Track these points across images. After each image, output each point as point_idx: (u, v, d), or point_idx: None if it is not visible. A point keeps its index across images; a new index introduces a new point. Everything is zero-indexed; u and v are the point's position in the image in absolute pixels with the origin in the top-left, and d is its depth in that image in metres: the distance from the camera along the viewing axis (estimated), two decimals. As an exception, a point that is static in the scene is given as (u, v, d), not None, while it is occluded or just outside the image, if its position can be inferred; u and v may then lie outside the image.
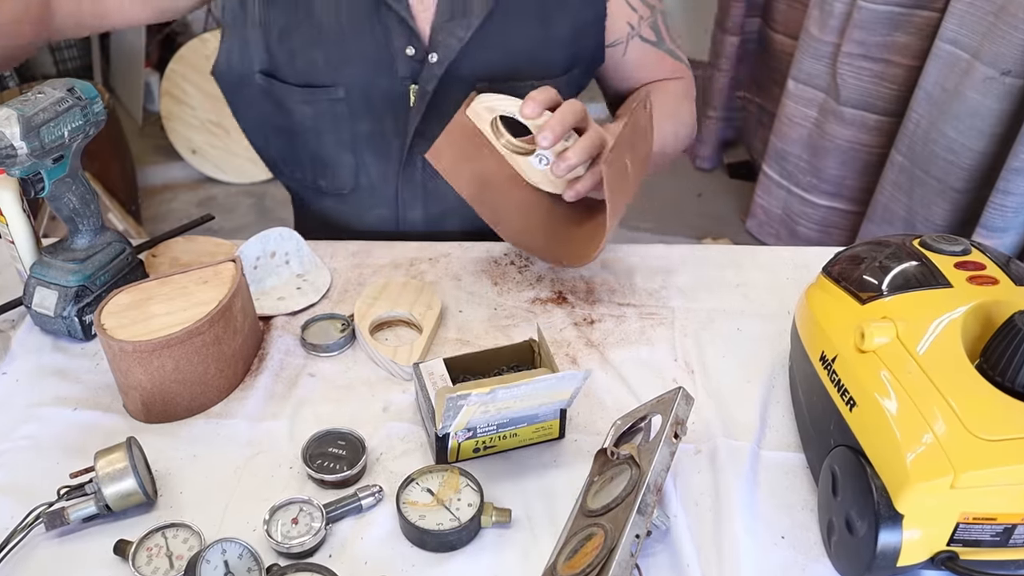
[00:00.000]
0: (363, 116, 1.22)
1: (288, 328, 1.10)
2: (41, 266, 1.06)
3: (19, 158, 0.94)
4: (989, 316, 0.80)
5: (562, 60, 1.22)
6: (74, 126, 0.99)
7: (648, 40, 1.28)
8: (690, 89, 1.35)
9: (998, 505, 0.70)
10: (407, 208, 1.32)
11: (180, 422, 0.96)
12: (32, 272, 1.06)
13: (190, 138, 3.44)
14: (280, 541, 0.80)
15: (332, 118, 1.22)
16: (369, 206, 1.32)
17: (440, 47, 1.16)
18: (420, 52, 1.16)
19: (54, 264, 1.05)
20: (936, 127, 2.28)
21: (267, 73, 1.22)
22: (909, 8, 2.41)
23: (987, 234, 2.15)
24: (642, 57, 1.30)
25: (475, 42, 1.16)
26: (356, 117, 1.22)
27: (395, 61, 1.18)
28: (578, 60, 1.24)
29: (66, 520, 0.82)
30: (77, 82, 1.01)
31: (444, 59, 1.16)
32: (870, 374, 0.78)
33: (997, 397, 0.72)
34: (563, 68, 1.23)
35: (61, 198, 1.03)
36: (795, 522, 0.86)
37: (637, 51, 1.28)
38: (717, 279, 1.21)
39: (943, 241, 0.89)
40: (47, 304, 1.05)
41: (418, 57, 1.17)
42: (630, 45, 1.27)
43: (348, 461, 0.89)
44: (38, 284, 1.05)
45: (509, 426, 0.90)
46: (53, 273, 1.05)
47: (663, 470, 0.79)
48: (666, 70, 1.32)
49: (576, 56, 1.24)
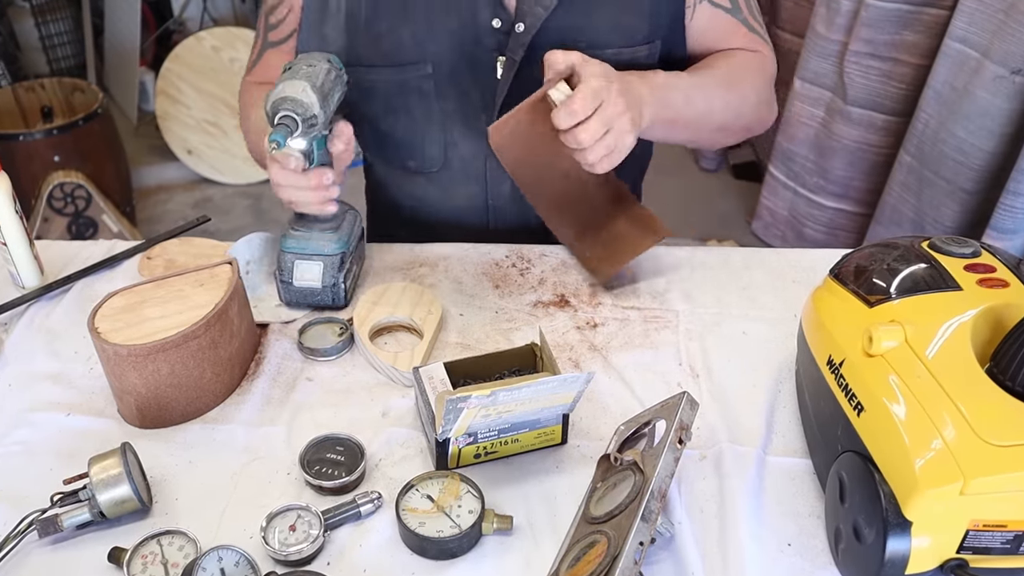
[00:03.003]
0: (450, 91, 1.24)
1: (285, 332, 1.09)
2: (294, 240, 1.08)
3: (318, 126, 0.98)
4: (999, 319, 0.79)
5: (644, 28, 1.22)
6: (338, 95, 1.04)
7: (720, 5, 1.25)
8: (765, 65, 1.29)
9: (1008, 512, 0.69)
10: (496, 182, 1.33)
11: (176, 427, 0.95)
12: (284, 248, 1.08)
13: (186, 138, 3.44)
14: (277, 548, 0.79)
15: (420, 95, 1.24)
16: (459, 182, 1.33)
17: (527, 16, 1.17)
18: (506, 23, 1.18)
19: (311, 236, 1.08)
20: (945, 127, 2.27)
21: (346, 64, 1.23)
22: (918, 6, 2.39)
23: (997, 236, 2.14)
24: (711, 23, 1.26)
25: (560, 10, 1.17)
26: (443, 92, 1.24)
27: (481, 33, 1.20)
28: (658, 29, 1.24)
29: (60, 527, 0.81)
30: (330, 55, 1.05)
31: (530, 28, 1.18)
32: (878, 378, 0.77)
33: (1007, 402, 0.71)
34: (645, 37, 1.23)
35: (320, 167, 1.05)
36: (802, 529, 0.84)
37: (706, 16, 1.25)
38: (722, 282, 1.19)
39: (952, 243, 0.88)
40: (311, 276, 1.08)
41: (504, 28, 1.19)
42: (699, 9, 1.24)
43: (347, 467, 0.88)
44: (296, 258, 1.08)
45: (511, 431, 0.89)
46: (313, 244, 1.08)
47: (667, 476, 0.78)
48: (740, 40, 1.27)
49: (657, 24, 1.23)
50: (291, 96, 0.95)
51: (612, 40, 1.20)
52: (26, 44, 3.66)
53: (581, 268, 1.21)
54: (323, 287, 1.09)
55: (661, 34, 1.23)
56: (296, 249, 1.08)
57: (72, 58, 3.71)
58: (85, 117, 2.86)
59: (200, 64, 3.34)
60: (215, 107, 3.39)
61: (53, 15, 3.60)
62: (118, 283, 1.16)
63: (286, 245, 1.09)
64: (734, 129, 1.27)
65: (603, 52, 1.17)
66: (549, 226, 1.23)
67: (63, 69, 3.68)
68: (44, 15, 3.58)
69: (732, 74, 1.24)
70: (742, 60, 1.26)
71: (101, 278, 1.19)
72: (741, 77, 1.25)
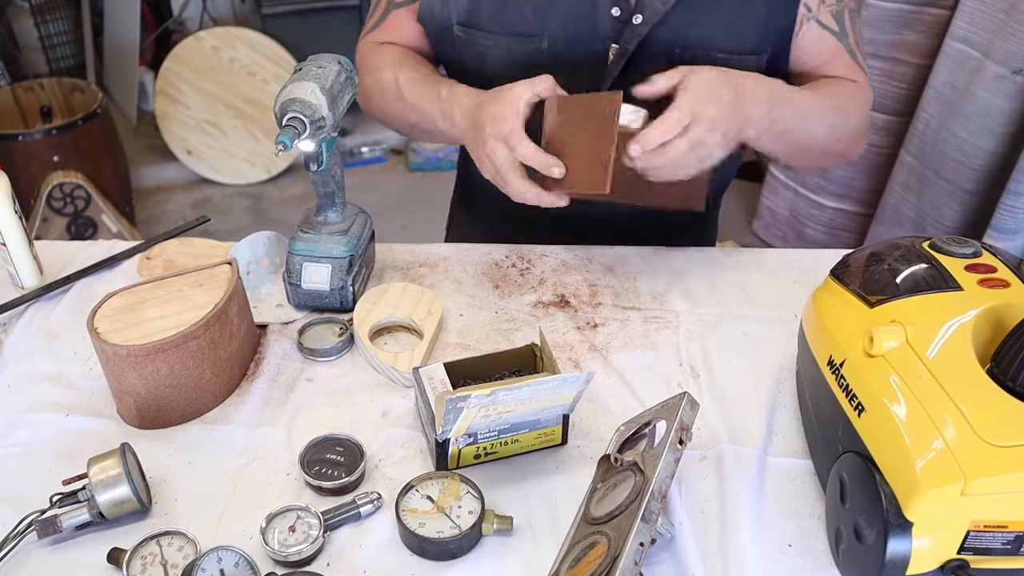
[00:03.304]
0: (562, 68, 1.23)
1: (285, 332, 1.09)
2: (303, 242, 1.08)
3: (327, 128, 0.97)
4: (1000, 320, 0.78)
5: (755, 37, 1.23)
6: (348, 97, 1.03)
7: (827, 27, 1.25)
8: (866, 96, 1.29)
9: (1009, 512, 0.69)
10: None
11: (175, 428, 0.95)
12: (293, 250, 1.08)
13: (185, 138, 3.44)
14: (277, 549, 0.79)
15: (531, 69, 1.23)
16: None
17: (646, 9, 1.18)
18: (625, 13, 1.20)
19: (320, 239, 1.08)
20: (946, 127, 2.27)
21: (466, 24, 1.26)
22: (918, 6, 2.39)
23: (998, 236, 2.13)
24: (817, 44, 1.26)
25: (680, 7, 1.18)
26: (555, 68, 1.23)
27: (599, 19, 1.21)
28: (768, 40, 1.24)
29: (59, 528, 0.81)
30: (341, 57, 1.05)
31: (648, 21, 1.19)
32: (879, 379, 0.77)
33: (1008, 402, 0.71)
34: (754, 46, 1.23)
35: (330, 171, 1.06)
36: (802, 530, 0.84)
37: (812, 35, 1.25)
38: (723, 282, 1.19)
39: (953, 243, 0.87)
40: (319, 278, 1.08)
41: (623, 18, 1.20)
42: (805, 27, 1.24)
43: (346, 468, 0.88)
44: (305, 261, 1.08)
45: (511, 432, 0.88)
46: (321, 247, 1.08)
47: (668, 477, 0.77)
48: (842, 67, 1.27)
49: (767, 35, 1.24)
50: (299, 97, 0.95)
51: (725, 44, 1.21)
52: (25, 44, 3.66)
53: (581, 268, 1.21)
54: (331, 290, 1.08)
55: (769, 46, 1.24)
56: (305, 251, 1.08)
57: (71, 58, 3.71)
58: (84, 117, 2.86)
59: (200, 64, 3.34)
60: (215, 107, 3.39)
61: (52, 15, 3.60)
62: (117, 283, 1.16)
63: (295, 247, 1.08)
64: (832, 153, 1.28)
65: (713, 55, 1.20)
66: None
67: (62, 69, 3.67)
68: (43, 15, 3.58)
69: (841, 100, 1.24)
70: (848, 89, 1.26)
71: (100, 278, 1.19)
72: (848, 105, 1.25)
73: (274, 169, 3.52)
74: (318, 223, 1.10)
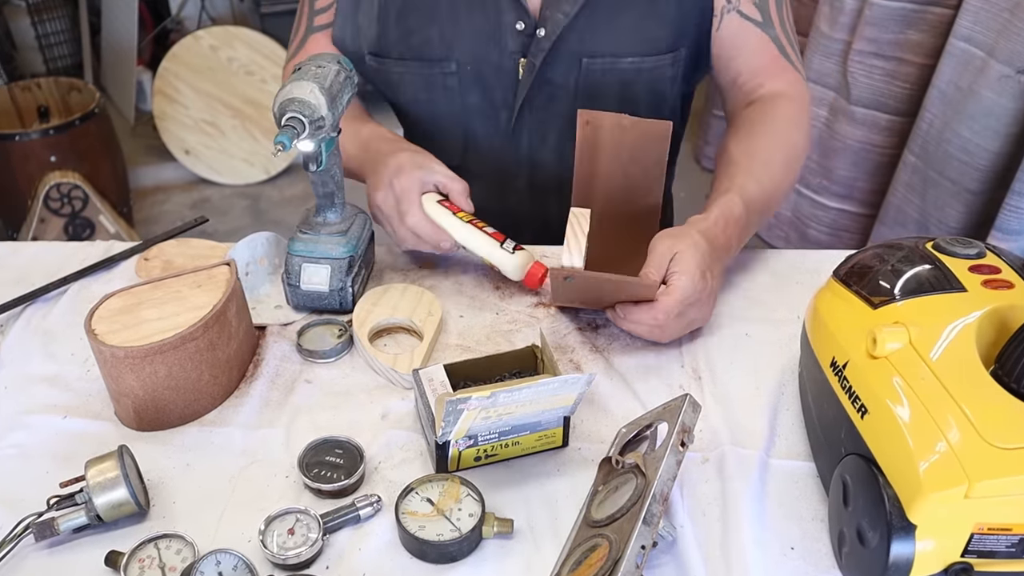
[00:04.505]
0: (473, 89, 1.27)
1: (284, 334, 1.08)
2: (301, 243, 1.08)
3: (326, 128, 0.97)
4: (1004, 321, 0.78)
5: (667, 37, 1.22)
6: (348, 97, 1.03)
7: (749, 18, 1.22)
8: (800, 102, 1.24)
9: (1014, 515, 0.69)
10: (512, 178, 1.36)
11: (173, 430, 0.95)
12: (292, 251, 1.08)
13: (183, 138, 3.44)
14: (276, 552, 0.79)
15: (443, 91, 1.28)
16: (476, 176, 1.32)
17: (548, 22, 1.19)
18: (529, 27, 1.20)
19: (319, 239, 1.08)
20: (950, 127, 2.26)
21: (376, 54, 1.28)
22: (922, 5, 2.38)
23: (1002, 237, 2.13)
24: (739, 36, 1.23)
25: (581, 17, 1.19)
26: (466, 90, 1.27)
27: (505, 36, 1.22)
28: (683, 38, 1.23)
29: (56, 531, 0.80)
30: (340, 56, 1.05)
31: (551, 34, 1.20)
32: (882, 381, 0.76)
33: (1013, 404, 0.71)
34: (668, 46, 1.23)
35: (330, 171, 1.05)
36: (805, 533, 0.84)
37: (733, 28, 1.22)
38: (725, 283, 1.18)
39: (957, 244, 0.87)
40: (318, 279, 1.07)
41: (527, 32, 1.21)
42: (725, 20, 1.22)
43: (346, 470, 0.87)
44: (304, 262, 1.07)
45: (511, 434, 0.88)
46: (321, 248, 1.07)
47: (669, 479, 0.77)
48: (768, 59, 1.24)
49: (681, 34, 1.23)
50: (299, 97, 0.94)
51: (635, 48, 1.21)
52: (22, 43, 3.66)
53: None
54: (330, 291, 1.08)
55: (686, 43, 1.23)
56: (304, 252, 1.08)
57: (69, 57, 3.71)
58: (82, 117, 2.85)
59: (198, 64, 3.33)
60: (213, 107, 3.39)
61: (49, 14, 3.60)
62: (115, 284, 1.16)
63: (294, 248, 1.08)
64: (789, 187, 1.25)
65: (625, 60, 1.21)
66: None
67: (59, 68, 3.67)
68: (40, 14, 3.58)
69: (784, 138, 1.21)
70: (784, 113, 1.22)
71: (98, 279, 1.18)
72: (791, 135, 1.21)
73: (273, 169, 3.52)
74: (317, 224, 1.09)
